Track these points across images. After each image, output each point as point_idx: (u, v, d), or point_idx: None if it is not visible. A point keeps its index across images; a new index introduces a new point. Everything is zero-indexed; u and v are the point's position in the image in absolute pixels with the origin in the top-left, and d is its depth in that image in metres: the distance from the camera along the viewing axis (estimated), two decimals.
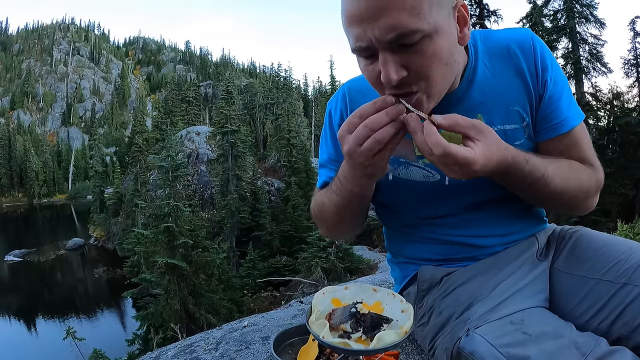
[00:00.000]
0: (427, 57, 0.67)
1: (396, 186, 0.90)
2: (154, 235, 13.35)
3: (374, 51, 0.68)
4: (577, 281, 0.83)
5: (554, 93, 0.83)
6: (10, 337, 18.39)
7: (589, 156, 0.87)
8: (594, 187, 0.85)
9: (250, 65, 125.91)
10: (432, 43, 0.66)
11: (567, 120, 0.83)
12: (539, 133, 0.85)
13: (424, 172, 0.87)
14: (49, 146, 69.40)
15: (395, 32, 0.63)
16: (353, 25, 0.67)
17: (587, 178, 0.84)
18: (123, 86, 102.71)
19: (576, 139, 0.85)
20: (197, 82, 57.63)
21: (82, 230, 37.34)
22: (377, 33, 0.64)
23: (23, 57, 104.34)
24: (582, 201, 0.85)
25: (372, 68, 0.70)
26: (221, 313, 13.71)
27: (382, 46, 0.66)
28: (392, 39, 0.64)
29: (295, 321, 1.50)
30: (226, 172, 21.98)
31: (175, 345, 1.51)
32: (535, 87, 0.83)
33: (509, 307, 0.76)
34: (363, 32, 0.65)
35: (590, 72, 16.74)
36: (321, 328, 0.63)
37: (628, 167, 15.20)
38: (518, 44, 0.83)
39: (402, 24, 0.63)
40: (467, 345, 0.72)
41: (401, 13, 0.62)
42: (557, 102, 0.83)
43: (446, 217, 0.91)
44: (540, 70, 0.82)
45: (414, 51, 0.66)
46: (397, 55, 0.66)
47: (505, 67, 0.83)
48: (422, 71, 0.68)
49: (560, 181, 0.79)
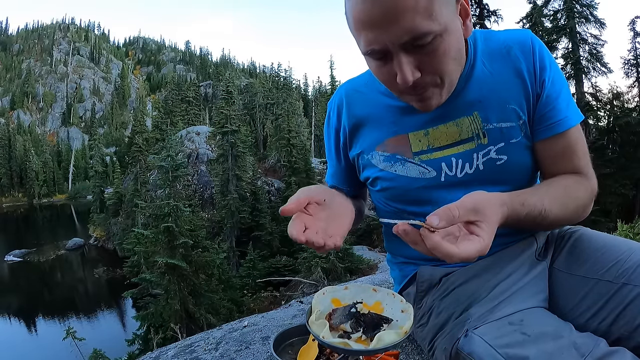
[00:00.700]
0: (439, 56, 0.70)
1: (393, 183, 0.91)
2: (154, 235, 13.35)
3: (386, 53, 0.69)
4: (576, 281, 0.83)
5: (551, 92, 0.83)
6: (10, 337, 18.39)
7: (582, 164, 0.87)
8: (590, 199, 0.86)
9: (250, 65, 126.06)
10: (443, 42, 0.68)
11: (565, 120, 0.83)
12: (536, 132, 0.85)
13: (420, 169, 0.88)
14: (49, 146, 69.42)
15: (409, 35, 0.65)
16: (365, 30, 0.67)
17: (583, 194, 0.84)
18: (123, 86, 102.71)
19: (572, 142, 0.85)
20: (197, 82, 57.64)
21: (82, 230, 37.33)
22: (392, 37, 0.66)
23: (23, 57, 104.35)
24: (580, 216, 0.86)
25: (387, 70, 0.72)
26: (221, 313, 13.71)
27: (397, 49, 0.67)
28: (406, 41, 0.66)
29: (295, 321, 1.50)
30: (226, 172, 21.98)
31: (175, 345, 1.51)
32: (533, 86, 0.83)
33: (508, 307, 0.76)
34: (376, 36, 0.67)
35: (590, 72, 16.75)
36: (321, 328, 0.63)
37: (628, 167, 15.20)
38: (518, 44, 0.83)
39: (416, 27, 0.64)
40: (466, 346, 0.72)
41: (415, 16, 0.64)
42: (554, 102, 0.83)
43: None
44: (539, 70, 0.82)
45: (426, 51, 0.68)
46: (411, 56, 0.68)
47: (504, 67, 0.83)
48: (435, 69, 0.71)
49: (559, 210, 0.80)
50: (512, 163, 0.85)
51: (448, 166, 0.86)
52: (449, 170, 0.86)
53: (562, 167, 0.86)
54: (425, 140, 0.86)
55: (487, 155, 0.85)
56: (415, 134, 0.87)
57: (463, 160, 0.86)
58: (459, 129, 0.84)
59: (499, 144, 0.84)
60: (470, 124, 0.84)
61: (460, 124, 0.84)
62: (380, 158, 0.91)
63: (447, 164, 0.86)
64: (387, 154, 0.90)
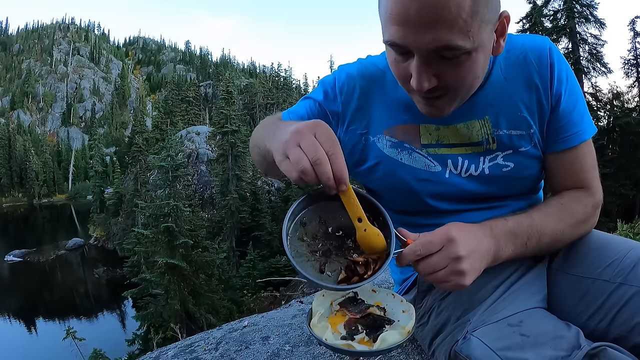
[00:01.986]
0: (462, 72, 0.68)
1: (397, 171, 0.88)
2: (154, 235, 13.38)
3: (409, 51, 0.67)
4: (574, 281, 0.82)
5: (567, 105, 0.82)
6: (10, 337, 18.41)
7: (588, 177, 0.86)
8: (591, 214, 0.86)
9: (250, 65, 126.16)
10: (470, 59, 0.66)
11: (578, 134, 0.83)
12: (548, 144, 0.85)
13: (426, 161, 0.86)
14: (49, 146, 69.56)
15: (439, 45, 0.63)
16: (395, 24, 0.64)
17: (582, 209, 0.84)
18: (123, 86, 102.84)
19: (581, 155, 0.85)
20: (197, 82, 57.73)
21: (82, 230, 37.40)
22: (420, 41, 0.63)
23: (23, 57, 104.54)
24: (582, 230, 0.86)
25: (403, 67, 0.70)
26: (221, 313, 13.74)
27: (421, 53, 0.65)
28: (433, 49, 0.64)
29: (296, 321, 1.49)
30: (226, 172, 22.02)
31: (175, 345, 1.50)
32: (548, 98, 0.82)
33: (508, 308, 0.76)
34: (405, 34, 0.64)
35: (590, 72, 16.79)
36: (323, 331, 0.63)
37: (628, 167, 15.24)
38: (535, 53, 0.81)
39: (448, 40, 0.62)
40: (465, 348, 0.72)
41: (452, 29, 0.61)
42: (570, 115, 0.83)
43: (444, 214, 0.90)
44: (556, 82, 0.81)
45: (450, 64, 0.66)
46: (433, 64, 0.66)
47: (519, 74, 0.82)
48: (453, 82, 0.69)
49: (554, 224, 0.81)
50: (518, 171, 0.85)
51: (454, 164, 0.85)
52: (454, 168, 0.85)
53: (568, 179, 0.86)
54: (436, 134, 0.85)
55: (494, 160, 0.84)
56: (426, 127, 0.85)
57: (469, 161, 0.85)
58: (469, 132, 0.84)
59: (507, 150, 0.84)
60: (480, 128, 0.83)
61: (471, 127, 0.83)
62: (388, 143, 0.88)
63: (453, 161, 0.85)
64: (395, 140, 0.87)
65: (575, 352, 0.63)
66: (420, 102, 0.76)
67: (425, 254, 0.68)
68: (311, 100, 0.92)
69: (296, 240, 0.70)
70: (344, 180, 0.63)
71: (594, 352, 0.63)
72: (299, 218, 0.71)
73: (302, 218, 0.71)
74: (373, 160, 0.89)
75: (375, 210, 0.72)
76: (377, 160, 0.89)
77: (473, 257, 0.69)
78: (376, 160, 0.89)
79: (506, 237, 0.76)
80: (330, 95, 0.90)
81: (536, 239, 0.79)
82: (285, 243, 0.67)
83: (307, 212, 0.72)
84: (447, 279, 0.68)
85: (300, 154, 0.62)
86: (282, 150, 0.64)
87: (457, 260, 0.67)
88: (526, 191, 0.91)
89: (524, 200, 0.91)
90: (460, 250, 0.67)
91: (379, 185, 0.92)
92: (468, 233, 0.70)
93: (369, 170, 0.90)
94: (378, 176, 0.90)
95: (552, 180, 0.89)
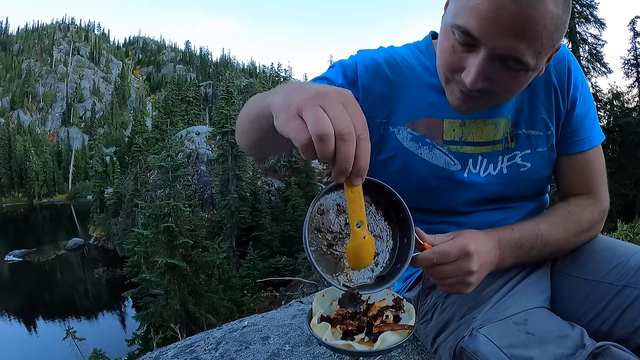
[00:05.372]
0: (514, 84, 0.71)
1: (414, 166, 0.85)
2: (154, 235, 13.38)
3: (475, 45, 0.66)
4: (578, 283, 0.83)
5: (581, 111, 0.86)
6: (10, 337, 18.41)
7: (596, 184, 0.88)
8: (596, 221, 0.87)
9: (250, 65, 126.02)
10: (526, 75, 0.69)
11: (588, 139, 0.86)
12: (561, 147, 0.87)
13: (446, 159, 0.85)
14: (49, 146, 69.57)
15: (512, 54, 0.64)
16: (482, 17, 0.63)
17: (588, 217, 0.85)
18: (123, 86, 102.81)
19: (590, 161, 0.88)
20: (197, 82, 57.76)
21: (82, 230, 37.40)
22: (499, 44, 0.63)
23: (23, 57, 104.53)
24: (587, 237, 0.87)
25: (459, 57, 0.69)
26: (221, 313, 13.74)
27: (488, 53, 0.65)
28: (502, 55, 0.65)
29: (296, 321, 1.49)
30: (226, 172, 22.03)
31: (175, 345, 1.50)
32: (565, 102, 0.85)
33: (513, 307, 0.76)
34: (484, 29, 0.63)
35: (590, 72, 16.77)
36: (323, 331, 0.63)
37: (628, 167, 15.23)
38: (555, 59, 0.83)
39: (522, 55, 0.64)
40: (471, 344, 0.72)
41: (529, 45, 0.63)
42: (583, 120, 0.86)
43: (456, 215, 0.89)
44: (572, 88, 0.84)
45: (508, 74, 0.68)
46: (493, 68, 0.67)
47: (540, 77, 0.81)
48: (502, 89, 0.71)
49: (560, 233, 0.82)
50: (534, 172, 0.86)
51: (474, 163, 0.85)
52: (473, 167, 0.85)
53: (576, 184, 0.89)
54: (460, 131, 0.84)
55: (513, 160, 0.85)
56: (451, 122, 0.84)
57: (488, 160, 0.85)
58: (496, 129, 0.84)
59: (525, 150, 0.85)
60: (504, 126, 0.85)
61: (498, 124, 0.84)
62: (408, 136, 0.85)
63: (473, 160, 0.85)
64: (416, 133, 0.85)
65: (579, 351, 0.64)
66: (454, 95, 0.75)
67: (440, 263, 0.69)
68: (326, 82, 0.83)
69: (313, 230, 0.64)
70: (362, 173, 0.51)
71: (598, 350, 0.63)
72: (317, 206, 0.64)
73: (320, 206, 0.65)
74: (390, 152, 0.86)
75: (395, 204, 0.65)
76: (395, 153, 0.86)
77: (481, 271, 0.72)
78: (394, 153, 0.86)
79: (511, 248, 0.78)
80: (349, 78, 0.84)
81: (539, 249, 0.81)
82: (305, 234, 0.60)
83: (326, 200, 0.65)
84: (453, 286, 0.72)
85: (323, 116, 0.47)
86: (293, 106, 0.49)
87: (468, 274, 0.70)
88: (536, 192, 0.92)
89: (533, 201, 0.92)
90: (473, 265, 0.70)
91: (391, 178, 0.86)
92: (483, 249, 0.72)
93: (384, 162, 0.87)
94: (393, 169, 0.86)
95: (561, 184, 0.91)
